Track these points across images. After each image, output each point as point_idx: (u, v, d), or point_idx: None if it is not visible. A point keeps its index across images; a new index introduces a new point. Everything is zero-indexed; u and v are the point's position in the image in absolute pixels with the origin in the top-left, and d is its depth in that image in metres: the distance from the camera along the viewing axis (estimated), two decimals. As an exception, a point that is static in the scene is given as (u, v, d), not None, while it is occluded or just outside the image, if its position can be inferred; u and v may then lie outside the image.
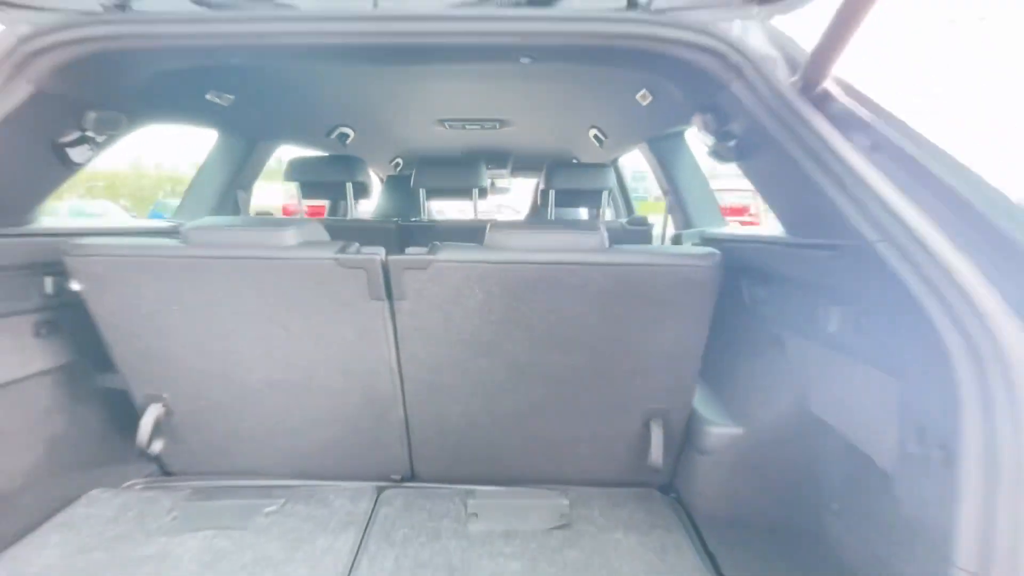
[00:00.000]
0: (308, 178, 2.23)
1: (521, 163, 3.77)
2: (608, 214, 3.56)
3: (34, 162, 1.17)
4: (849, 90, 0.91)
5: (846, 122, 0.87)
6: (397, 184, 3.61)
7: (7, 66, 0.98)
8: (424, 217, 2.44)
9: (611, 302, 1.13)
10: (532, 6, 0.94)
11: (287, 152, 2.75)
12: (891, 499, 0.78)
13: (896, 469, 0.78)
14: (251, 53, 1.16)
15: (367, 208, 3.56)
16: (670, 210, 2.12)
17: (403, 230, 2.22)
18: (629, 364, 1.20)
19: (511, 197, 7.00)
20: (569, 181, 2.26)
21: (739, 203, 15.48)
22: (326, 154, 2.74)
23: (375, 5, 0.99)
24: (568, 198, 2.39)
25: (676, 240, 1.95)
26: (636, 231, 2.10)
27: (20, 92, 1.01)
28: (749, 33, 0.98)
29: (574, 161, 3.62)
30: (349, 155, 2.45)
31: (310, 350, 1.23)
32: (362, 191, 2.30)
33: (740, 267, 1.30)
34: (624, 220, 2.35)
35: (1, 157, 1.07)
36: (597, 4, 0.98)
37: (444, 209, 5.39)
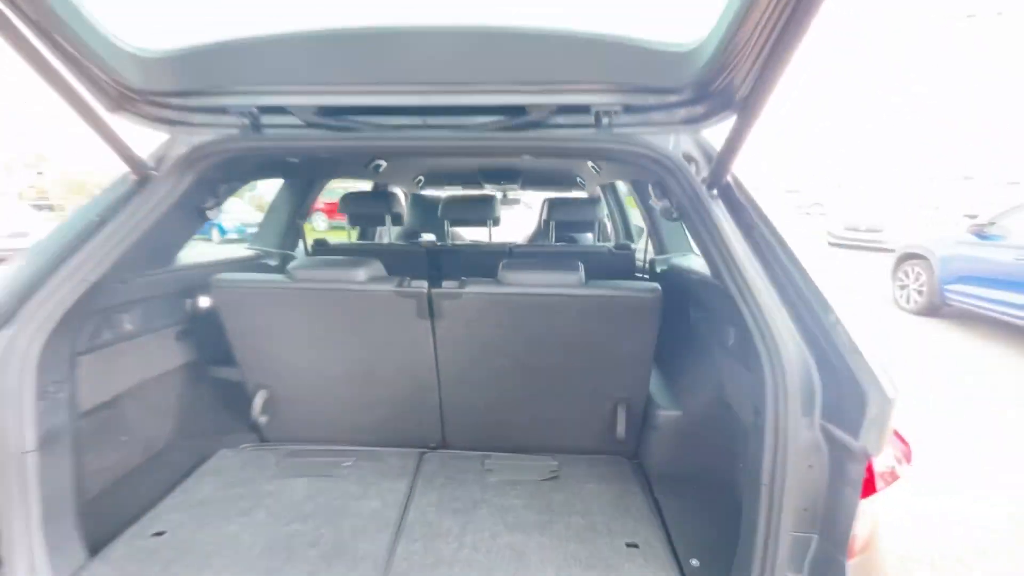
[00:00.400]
0: (358, 211, 2.75)
1: (530, 180, 4.24)
2: (608, 227, 4.02)
3: (185, 223, 1.68)
4: (739, 186, 1.36)
5: (734, 209, 1.32)
6: (420, 201, 4.14)
7: (183, 163, 1.48)
8: (448, 242, 2.95)
9: (586, 321, 1.60)
10: (530, 128, 1.40)
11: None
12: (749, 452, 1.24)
13: (749, 432, 1.24)
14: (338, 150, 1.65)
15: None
16: (649, 236, 2.58)
17: (431, 253, 2.72)
18: (600, 365, 1.68)
19: (525, 200, 7.57)
20: (565, 215, 2.75)
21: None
22: (366, 187, 3.27)
23: (424, 122, 1.46)
24: (565, 227, 2.88)
25: (652, 264, 2.41)
26: (621, 255, 2.56)
27: (188, 180, 1.51)
28: (680, 144, 1.43)
29: (578, 179, 4.08)
30: (387, 191, 2.96)
31: (374, 353, 1.73)
32: (398, 220, 2.82)
33: (688, 293, 1.76)
34: (612, 245, 2.82)
35: (170, 223, 1.58)
36: (574, 121, 1.44)
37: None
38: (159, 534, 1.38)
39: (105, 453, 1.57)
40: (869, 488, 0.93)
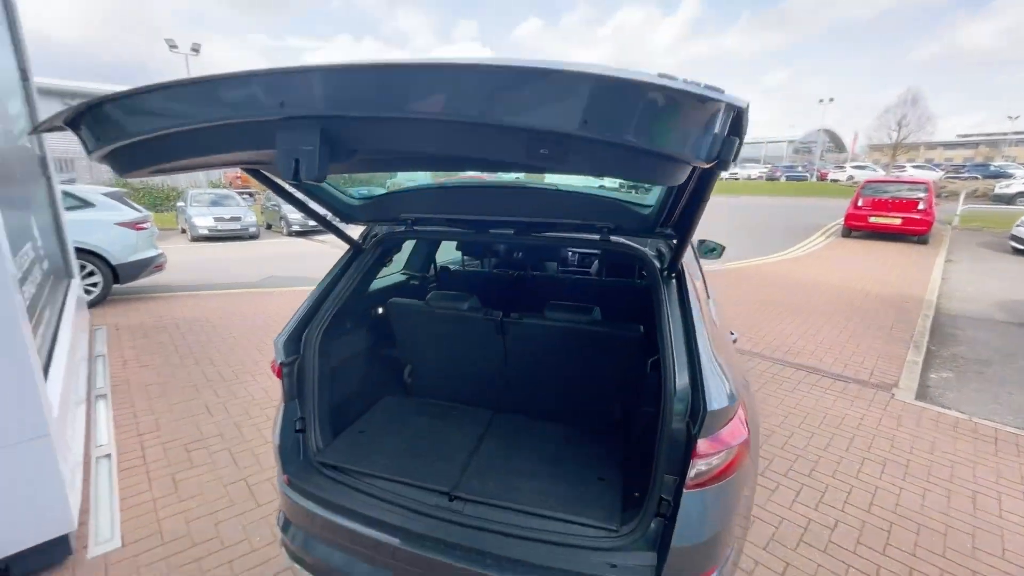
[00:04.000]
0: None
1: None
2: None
3: (376, 269, 3.01)
4: (683, 271, 2.21)
5: (680, 284, 2.18)
6: None
7: (377, 242, 2.76)
8: (528, 272, 4.07)
9: (596, 343, 2.58)
10: (562, 231, 2.39)
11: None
12: None
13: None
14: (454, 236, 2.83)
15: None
16: None
17: (515, 280, 3.86)
18: (603, 371, 2.64)
19: None
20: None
21: (910, 196, 14.02)
22: None
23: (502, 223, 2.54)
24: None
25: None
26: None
27: (379, 250, 2.80)
28: (656, 246, 2.32)
29: None
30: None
31: (472, 347, 2.91)
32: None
33: None
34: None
35: (370, 270, 2.89)
36: (588, 229, 2.39)
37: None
38: (362, 432, 2.74)
39: (335, 388, 3.00)
40: (694, 455, 1.81)
